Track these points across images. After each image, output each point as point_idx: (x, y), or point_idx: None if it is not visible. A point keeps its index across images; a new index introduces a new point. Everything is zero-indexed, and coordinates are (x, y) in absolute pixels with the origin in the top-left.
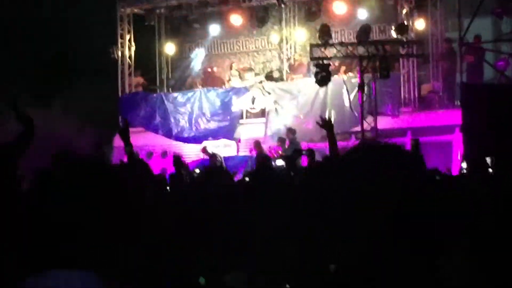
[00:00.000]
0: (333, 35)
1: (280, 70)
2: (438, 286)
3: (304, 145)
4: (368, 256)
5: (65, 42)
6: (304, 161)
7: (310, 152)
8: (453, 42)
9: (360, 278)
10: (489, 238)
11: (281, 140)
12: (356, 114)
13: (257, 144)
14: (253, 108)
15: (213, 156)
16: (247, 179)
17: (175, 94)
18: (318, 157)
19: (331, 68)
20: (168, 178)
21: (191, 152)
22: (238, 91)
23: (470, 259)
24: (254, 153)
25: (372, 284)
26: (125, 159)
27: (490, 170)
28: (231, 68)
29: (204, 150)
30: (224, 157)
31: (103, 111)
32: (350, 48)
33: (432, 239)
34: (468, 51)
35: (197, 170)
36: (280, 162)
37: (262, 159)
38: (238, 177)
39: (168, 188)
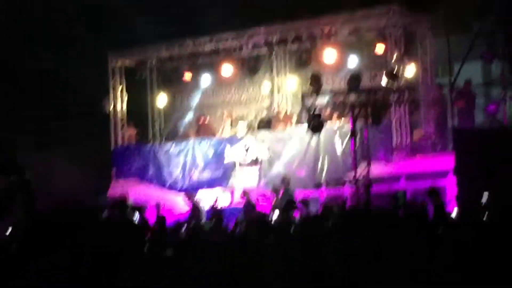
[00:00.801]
0: (323, 82)
1: (271, 119)
2: None
3: (297, 192)
4: None
5: (57, 95)
6: (296, 213)
7: (304, 203)
8: (444, 87)
9: None
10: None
11: (275, 190)
12: (349, 161)
13: (245, 193)
14: (247, 157)
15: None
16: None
17: (168, 145)
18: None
19: (323, 115)
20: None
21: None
22: (231, 140)
23: None
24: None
25: None
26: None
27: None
28: (224, 118)
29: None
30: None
31: (97, 163)
32: (341, 96)
33: None
34: (459, 96)
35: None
36: (276, 214)
37: (251, 209)
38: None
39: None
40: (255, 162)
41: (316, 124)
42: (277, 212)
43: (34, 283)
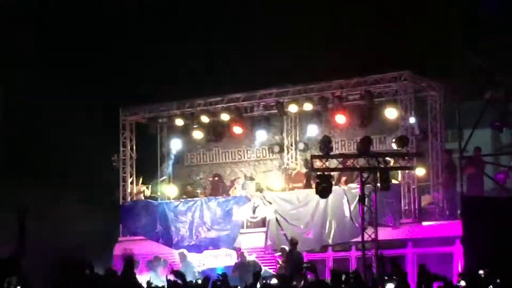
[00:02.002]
0: (333, 145)
1: (280, 180)
2: None
3: (304, 255)
4: None
5: (68, 153)
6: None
7: (311, 266)
8: (453, 153)
9: None
10: None
11: (282, 251)
12: (357, 225)
13: (241, 254)
14: (254, 218)
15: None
16: None
17: (176, 203)
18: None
19: (331, 179)
20: None
21: (192, 260)
22: (239, 200)
23: None
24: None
25: None
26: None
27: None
28: (237, 177)
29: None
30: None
31: (105, 219)
32: (351, 159)
33: None
34: (468, 163)
35: None
36: (274, 281)
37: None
38: None
39: None
40: (262, 222)
41: (324, 187)
42: (274, 280)
43: None
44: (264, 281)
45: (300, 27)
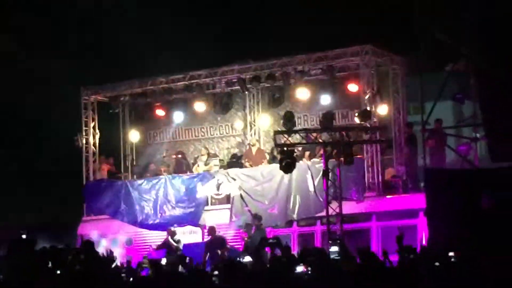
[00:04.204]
0: (296, 120)
1: (243, 156)
2: None
3: (268, 230)
4: None
5: (29, 130)
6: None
7: (277, 241)
8: (414, 126)
9: None
10: None
11: (247, 226)
12: (321, 199)
13: (212, 230)
14: (218, 194)
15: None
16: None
17: (140, 181)
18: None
19: (295, 154)
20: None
21: (156, 239)
22: (203, 177)
23: None
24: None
25: None
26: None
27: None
28: (200, 154)
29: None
30: (184, 244)
31: (68, 198)
32: (314, 134)
33: None
34: (430, 136)
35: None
36: (247, 258)
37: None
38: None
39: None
40: (226, 199)
41: (288, 162)
42: (248, 257)
43: None
44: (238, 259)
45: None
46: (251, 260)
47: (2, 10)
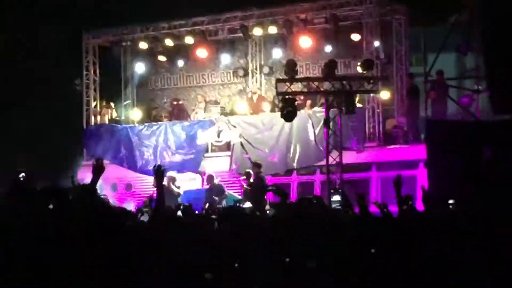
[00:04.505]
0: (298, 69)
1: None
2: None
3: (268, 178)
4: None
5: (29, 73)
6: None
7: (277, 188)
8: (415, 77)
9: None
10: None
11: (247, 174)
12: (322, 149)
13: (210, 178)
14: (219, 142)
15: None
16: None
17: (140, 127)
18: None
19: (296, 102)
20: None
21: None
22: (203, 124)
23: None
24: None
25: None
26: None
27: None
28: (197, 101)
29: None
30: (184, 191)
31: (68, 143)
32: (316, 83)
33: None
34: (431, 87)
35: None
36: (248, 204)
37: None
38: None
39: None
40: (227, 146)
41: (289, 110)
42: (248, 204)
43: None
44: (238, 204)
45: None
46: (251, 206)
47: None
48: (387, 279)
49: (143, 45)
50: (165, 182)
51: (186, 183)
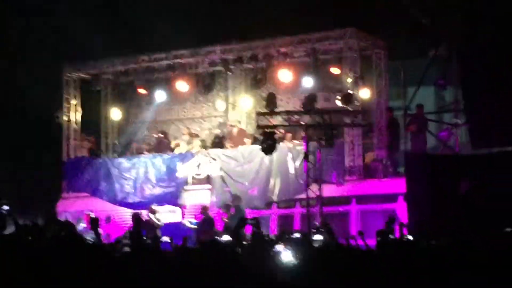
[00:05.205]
0: (278, 102)
1: (225, 137)
2: None
3: (248, 211)
4: None
5: (10, 107)
6: (248, 230)
7: (256, 222)
8: (394, 111)
9: None
10: None
11: (226, 207)
12: (301, 182)
13: (204, 209)
14: (199, 174)
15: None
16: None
17: (120, 160)
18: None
19: (276, 136)
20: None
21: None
22: (183, 157)
23: None
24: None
25: None
26: None
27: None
28: (182, 134)
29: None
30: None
31: (48, 176)
32: (296, 116)
33: None
34: (411, 121)
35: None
36: (227, 237)
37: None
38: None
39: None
40: (206, 179)
41: (269, 144)
42: (227, 237)
43: None
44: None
45: None
46: (230, 239)
47: None
48: None
49: (123, 78)
50: (146, 215)
51: (165, 215)
